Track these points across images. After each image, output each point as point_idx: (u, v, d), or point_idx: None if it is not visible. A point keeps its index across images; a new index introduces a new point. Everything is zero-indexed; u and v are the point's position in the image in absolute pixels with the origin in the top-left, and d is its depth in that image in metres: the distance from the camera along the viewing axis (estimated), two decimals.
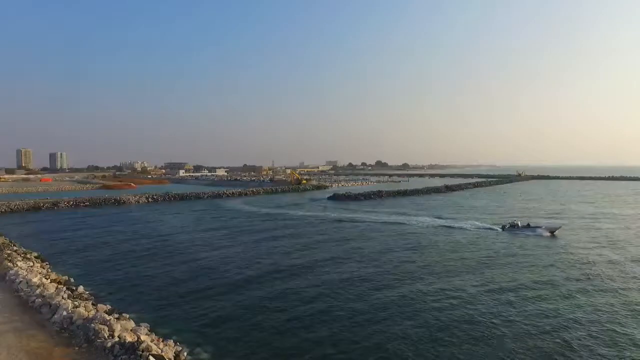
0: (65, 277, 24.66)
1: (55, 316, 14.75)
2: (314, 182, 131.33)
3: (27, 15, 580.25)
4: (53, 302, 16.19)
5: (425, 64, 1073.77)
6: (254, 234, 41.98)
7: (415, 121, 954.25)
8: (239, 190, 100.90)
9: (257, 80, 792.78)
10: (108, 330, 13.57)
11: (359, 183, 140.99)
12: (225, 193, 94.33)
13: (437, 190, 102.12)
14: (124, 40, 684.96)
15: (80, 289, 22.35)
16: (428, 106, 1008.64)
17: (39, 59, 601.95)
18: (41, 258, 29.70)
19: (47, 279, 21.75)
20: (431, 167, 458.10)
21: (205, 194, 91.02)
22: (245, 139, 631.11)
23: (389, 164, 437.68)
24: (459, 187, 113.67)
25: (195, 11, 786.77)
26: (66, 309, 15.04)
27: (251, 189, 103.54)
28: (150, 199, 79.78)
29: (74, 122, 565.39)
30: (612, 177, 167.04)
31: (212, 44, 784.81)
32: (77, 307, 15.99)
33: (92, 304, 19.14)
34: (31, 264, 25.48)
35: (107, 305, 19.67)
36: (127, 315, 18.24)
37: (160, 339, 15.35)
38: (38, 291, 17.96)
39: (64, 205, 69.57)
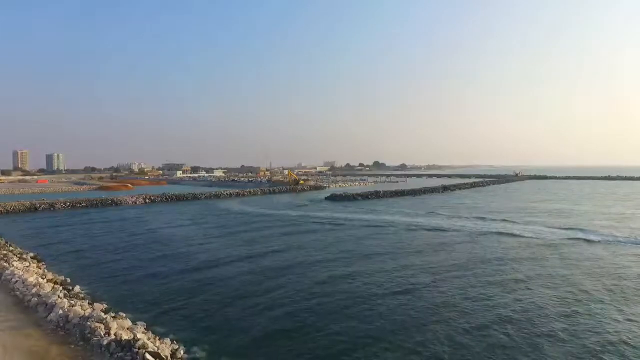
0: (62, 277, 24.61)
1: (51, 315, 14.72)
2: (312, 183, 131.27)
3: (25, 15, 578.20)
4: (49, 301, 16.16)
5: (424, 66, 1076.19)
6: (251, 237, 41.99)
7: (413, 121, 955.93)
8: (237, 190, 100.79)
9: (256, 80, 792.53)
10: (104, 329, 13.55)
11: (357, 183, 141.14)
12: (223, 194, 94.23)
13: (434, 190, 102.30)
14: (122, 40, 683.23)
15: (77, 288, 22.30)
16: (426, 106, 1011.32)
17: (36, 58, 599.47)
18: (37, 258, 29.60)
19: (44, 278, 21.69)
20: (429, 167, 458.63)
21: (202, 194, 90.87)
22: (243, 139, 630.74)
23: (387, 164, 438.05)
24: (457, 187, 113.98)
25: (194, 11, 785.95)
26: (62, 308, 15.02)
27: (248, 190, 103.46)
28: (147, 200, 79.60)
29: (71, 123, 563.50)
30: (609, 176, 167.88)
31: (211, 44, 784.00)
32: (73, 305, 15.97)
33: (89, 303, 19.08)
34: (27, 264, 25.41)
35: (104, 305, 19.61)
36: (124, 314, 18.21)
37: (157, 337, 15.35)
38: (34, 290, 17.91)
39: (60, 206, 69.31)
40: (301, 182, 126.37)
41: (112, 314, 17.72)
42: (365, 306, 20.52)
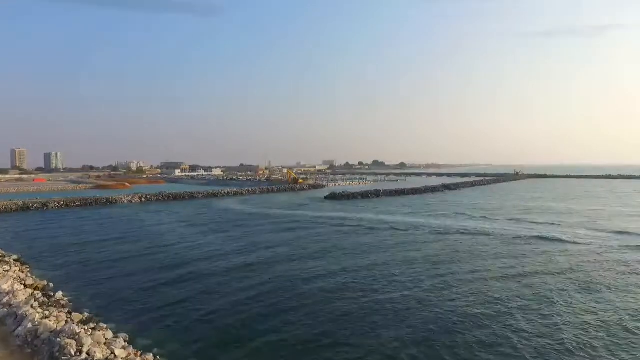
0: (44, 282, 23.20)
1: (19, 329, 13.28)
2: (311, 182, 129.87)
3: (23, 14, 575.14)
4: (20, 312, 14.72)
5: (424, 65, 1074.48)
6: (246, 238, 40.55)
7: (413, 121, 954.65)
8: (235, 189, 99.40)
9: (255, 79, 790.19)
10: (76, 345, 12.13)
11: (356, 182, 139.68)
12: (220, 193, 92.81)
13: (435, 189, 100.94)
14: (122, 39, 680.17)
15: (59, 294, 20.90)
16: (425, 106, 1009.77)
17: (33, 57, 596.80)
18: (21, 261, 28.18)
19: (22, 284, 20.27)
20: (428, 166, 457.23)
21: (199, 193, 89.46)
22: (243, 138, 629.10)
23: (386, 163, 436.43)
24: (458, 186, 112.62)
25: (193, 10, 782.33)
26: (32, 321, 13.57)
27: (246, 189, 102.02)
28: (143, 199, 78.13)
29: (70, 122, 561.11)
30: (610, 175, 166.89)
31: (210, 43, 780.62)
32: (46, 317, 14.52)
33: (68, 312, 17.70)
34: (7, 267, 23.95)
35: (85, 313, 18.23)
36: (105, 325, 16.81)
37: (139, 353, 13.96)
38: (5, 299, 16.47)
39: (54, 206, 67.77)
40: (300, 181, 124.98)
41: (92, 325, 16.32)
42: (355, 306, 19.51)
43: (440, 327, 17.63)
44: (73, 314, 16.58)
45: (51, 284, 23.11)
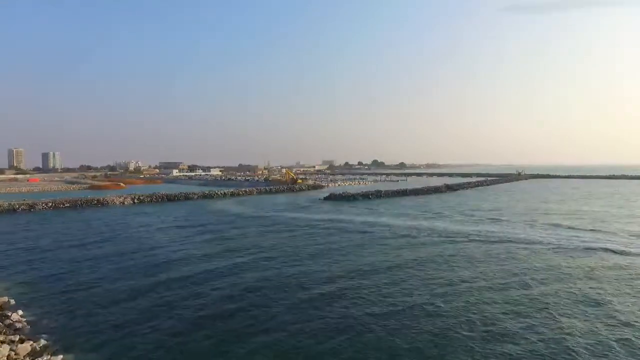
0: (5, 299, 20.51)
1: None
2: (310, 182, 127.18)
3: (22, 14, 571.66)
4: None
5: (423, 65, 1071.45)
6: (235, 239, 37.81)
7: (413, 121, 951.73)
8: (232, 190, 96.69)
9: (255, 80, 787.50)
10: None
11: (356, 182, 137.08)
12: (217, 193, 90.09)
13: (437, 189, 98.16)
14: (121, 39, 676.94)
15: (16, 315, 18.22)
16: (425, 106, 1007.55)
17: (32, 56, 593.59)
18: None
19: None
20: (428, 166, 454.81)
21: (195, 194, 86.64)
22: (243, 138, 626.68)
23: (386, 163, 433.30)
24: (460, 187, 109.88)
25: (193, 7, 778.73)
26: None
27: (244, 189, 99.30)
28: (135, 200, 75.39)
29: (68, 122, 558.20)
30: (613, 175, 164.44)
31: (210, 43, 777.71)
32: None
33: (19, 341, 15.03)
34: None
35: (41, 340, 15.56)
36: (60, 357, 14.18)
37: None
38: None
39: (41, 207, 64.98)
40: (299, 181, 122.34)
41: (46, 358, 13.68)
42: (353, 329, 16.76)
43: (443, 345, 15.23)
44: (20, 345, 13.92)
45: (12, 301, 20.48)
